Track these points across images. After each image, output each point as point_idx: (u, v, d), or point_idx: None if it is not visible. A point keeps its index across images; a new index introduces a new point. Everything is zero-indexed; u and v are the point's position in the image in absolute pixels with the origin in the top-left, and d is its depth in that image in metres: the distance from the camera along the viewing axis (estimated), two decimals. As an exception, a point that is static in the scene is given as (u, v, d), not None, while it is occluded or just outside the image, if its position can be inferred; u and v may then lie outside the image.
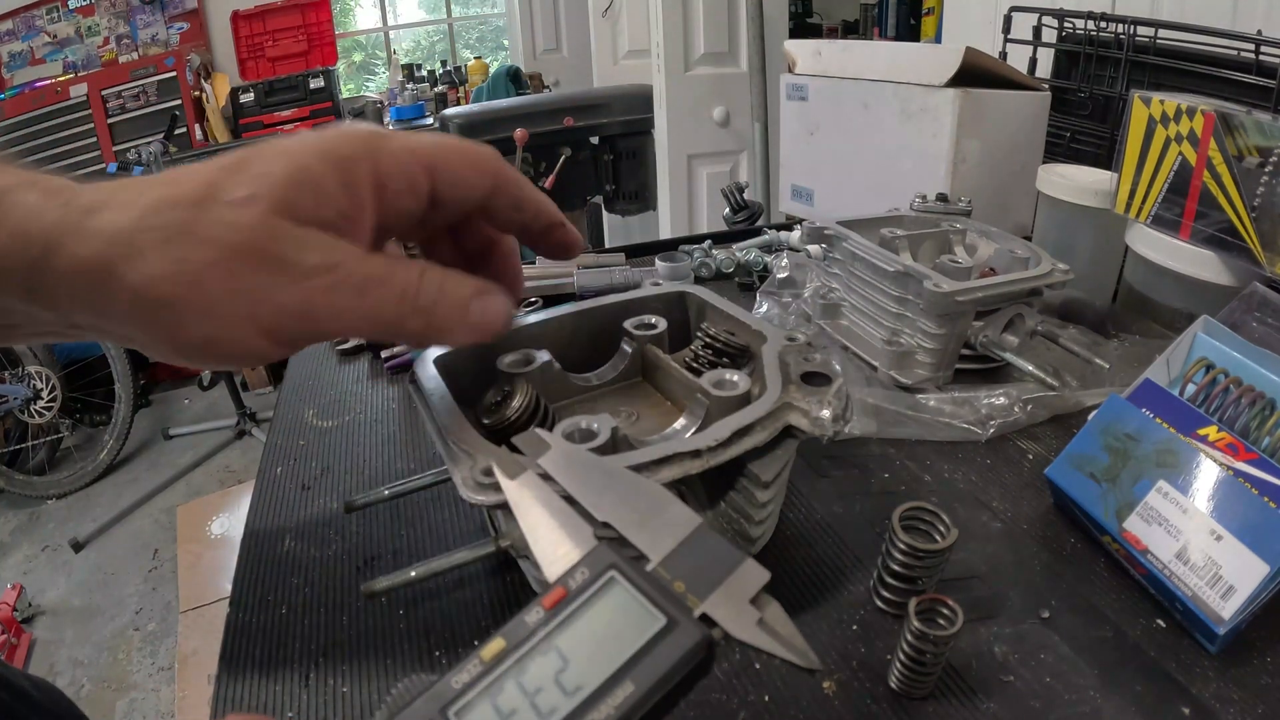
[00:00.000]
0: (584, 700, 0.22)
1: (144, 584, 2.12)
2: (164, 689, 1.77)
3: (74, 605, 2.07)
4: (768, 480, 0.38)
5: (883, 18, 3.24)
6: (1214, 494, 0.38)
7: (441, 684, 0.22)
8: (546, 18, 3.60)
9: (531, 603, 0.24)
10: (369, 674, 0.37)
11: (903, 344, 0.57)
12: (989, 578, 0.42)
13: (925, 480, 0.50)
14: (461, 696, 0.22)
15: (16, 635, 1.90)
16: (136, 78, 3.17)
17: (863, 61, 0.93)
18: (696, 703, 0.35)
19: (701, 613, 0.24)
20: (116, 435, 2.62)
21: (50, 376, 2.59)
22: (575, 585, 0.24)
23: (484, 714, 0.22)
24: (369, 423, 0.59)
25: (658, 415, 0.45)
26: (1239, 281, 0.56)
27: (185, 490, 2.50)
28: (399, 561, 0.45)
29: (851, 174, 0.98)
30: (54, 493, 2.54)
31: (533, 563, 0.38)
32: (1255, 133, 0.54)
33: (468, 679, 0.22)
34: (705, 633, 0.23)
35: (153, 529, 2.33)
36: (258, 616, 0.41)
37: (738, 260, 0.83)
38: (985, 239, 0.65)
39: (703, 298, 0.50)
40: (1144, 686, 0.35)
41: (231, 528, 2.13)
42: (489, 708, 0.22)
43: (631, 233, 2.52)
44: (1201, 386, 0.42)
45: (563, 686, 0.22)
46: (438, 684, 0.22)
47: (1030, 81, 0.88)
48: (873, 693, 0.35)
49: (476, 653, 0.23)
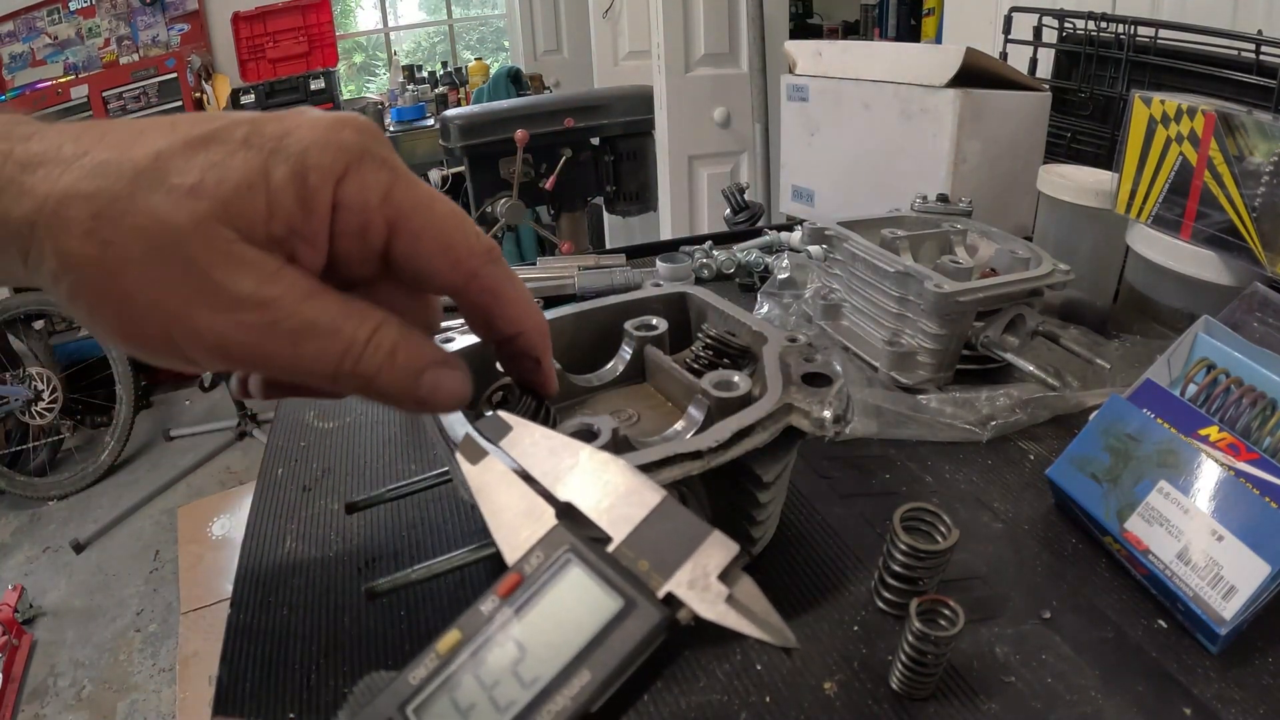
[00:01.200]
0: (540, 692, 0.21)
1: (145, 585, 2.12)
2: (165, 690, 1.77)
3: (75, 606, 2.07)
4: (769, 481, 0.38)
5: (883, 18, 3.24)
6: (1215, 494, 0.37)
7: (400, 680, 0.22)
8: (547, 19, 3.60)
9: (487, 590, 0.23)
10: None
11: (903, 345, 0.57)
12: (990, 578, 0.42)
13: (926, 481, 0.50)
14: (419, 693, 0.21)
15: (17, 636, 1.90)
16: (137, 79, 3.18)
17: (863, 62, 0.93)
18: (697, 704, 0.35)
19: (666, 593, 0.22)
20: (118, 436, 2.62)
21: (51, 378, 2.60)
22: (531, 570, 0.23)
23: (443, 710, 0.21)
24: (370, 424, 0.60)
25: (658, 416, 0.45)
26: (1240, 281, 0.56)
27: (186, 491, 2.50)
28: (400, 562, 0.45)
29: (852, 175, 0.98)
30: (55, 494, 2.54)
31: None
32: (1256, 133, 0.54)
33: (425, 674, 0.22)
34: (665, 614, 0.22)
35: (154, 530, 2.34)
36: (259, 617, 0.41)
37: (738, 261, 0.83)
38: (986, 239, 0.65)
39: (703, 299, 0.50)
40: (1145, 687, 0.35)
41: (233, 529, 2.13)
42: (447, 703, 0.21)
43: (632, 233, 2.53)
44: (1202, 387, 0.42)
45: (520, 678, 0.21)
46: (396, 680, 0.22)
47: (1031, 82, 0.88)
48: (874, 693, 0.35)
49: (433, 646, 0.22)
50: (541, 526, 0.25)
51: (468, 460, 0.28)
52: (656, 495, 0.25)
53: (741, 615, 0.22)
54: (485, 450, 0.28)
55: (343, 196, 0.25)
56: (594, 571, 0.23)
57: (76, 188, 0.23)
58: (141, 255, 0.23)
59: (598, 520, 0.25)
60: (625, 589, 0.22)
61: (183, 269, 0.23)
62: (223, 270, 0.23)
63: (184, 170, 0.23)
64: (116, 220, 0.23)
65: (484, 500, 0.26)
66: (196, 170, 0.23)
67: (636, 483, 0.25)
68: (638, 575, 0.23)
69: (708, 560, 0.23)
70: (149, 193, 0.23)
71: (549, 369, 0.33)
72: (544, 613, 0.22)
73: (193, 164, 0.23)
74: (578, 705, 0.21)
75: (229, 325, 0.24)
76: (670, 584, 0.23)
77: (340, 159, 0.25)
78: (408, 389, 0.27)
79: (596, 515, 0.25)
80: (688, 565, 0.23)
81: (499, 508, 0.26)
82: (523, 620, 0.22)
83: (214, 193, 0.23)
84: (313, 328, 0.25)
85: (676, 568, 0.23)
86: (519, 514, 0.25)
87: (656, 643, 0.22)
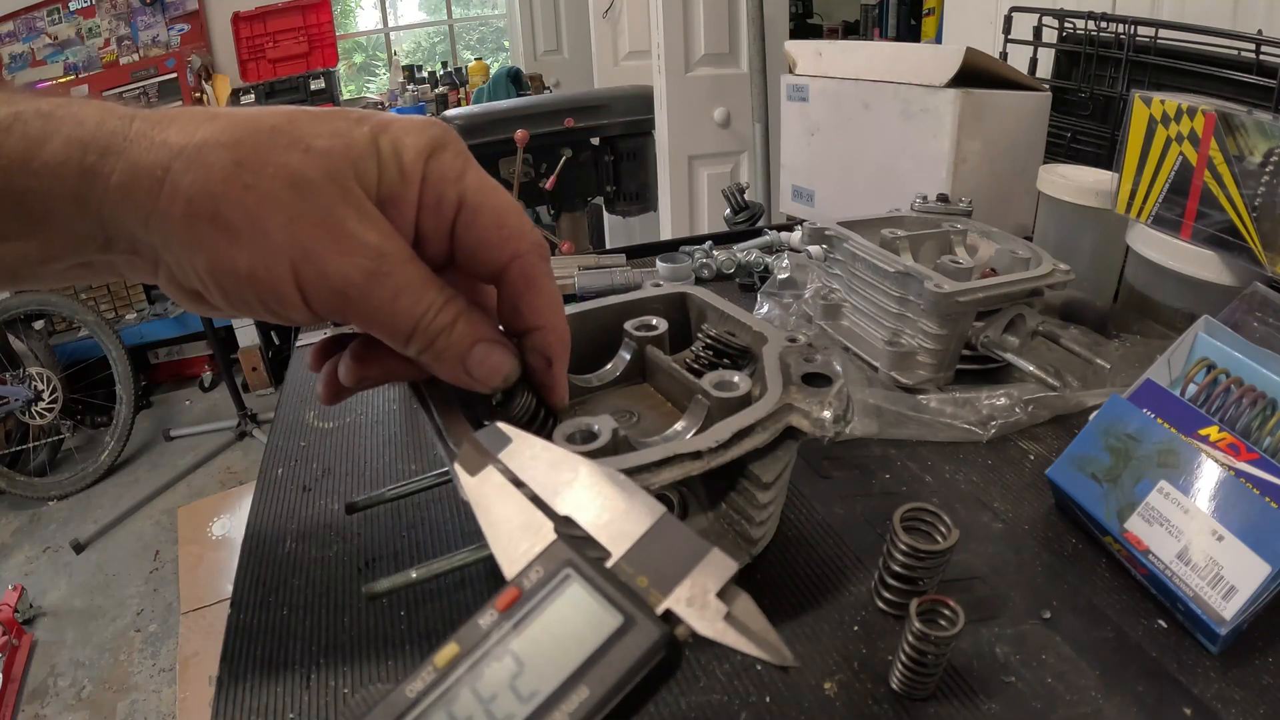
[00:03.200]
0: (538, 707, 0.21)
1: (145, 585, 2.12)
2: (165, 690, 1.77)
3: (75, 607, 2.07)
4: (769, 481, 0.38)
5: (883, 18, 3.24)
6: (1215, 494, 0.37)
7: (396, 693, 0.22)
8: (547, 19, 3.61)
9: (485, 604, 0.23)
10: (370, 675, 0.37)
11: (904, 345, 0.57)
12: (990, 578, 0.42)
13: (926, 481, 0.50)
14: (416, 706, 0.21)
15: (18, 637, 1.90)
16: (137, 79, 3.18)
17: (863, 62, 0.93)
18: (697, 704, 0.35)
19: (665, 609, 0.22)
20: (118, 437, 2.62)
21: (51, 378, 2.60)
22: (530, 585, 0.23)
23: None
24: (370, 424, 0.59)
25: (658, 416, 0.45)
26: (1240, 281, 0.56)
27: (186, 491, 2.50)
28: (400, 562, 0.45)
29: (852, 175, 0.98)
30: (55, 494, 2.54)
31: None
32: (1256, 133, 0.54)
33: (422, 687, 0.22)
34: (665, 631, 0.22)
35: (154, 530, 2.34)
36: (259, 618, 0.41)
37: (738, 261, 0.83)
38: (986, 239, 0.65)
39: (703, 299, 0.50)
40: (1145, 687, 0.35)
41: (233, 529, 2.13)
42: (444, 717, 0.21)
43: (632, 233, 2.52)
44: (1203, 387, 0.42)
45: (518, 693, 0.21)
46: (392, 693, 0.22)
47: (1031, 82, 0.88)
48: (874, 693, 0.35)
49: (431, 659, 0.22)
50: (540, 540, 0.25)
51: (466, 472, 0.28)
52: (655, 511, 0.25)
53: (740, 633, 0.22)
54: (484, 462, 0.28)
55: (429, 171, 0.29)
56: (593, 587, 0.23)
57: (217, 138, 0.25)
58: (287, 195, 0.25)
59: (596, 535, 0.25)
60: (624, 605, 0.22)
61: (320, 214, 0.26)
62: (355, 220, 0.26)
63: (315, 133, 0.26)
64: (258, 168, 0.25)
65: (482, 512, 0.26)
66: (326, 134, 0.27)
67: (636, 498, 0.25)
68: (637, 591, 0.23)
69: (706, 578, 0.23)
70: (287, 148, 0.26)
71: (560, 375, 0.35)
72: (543, 628, 0.22)
73: (321, 128, 0.27)
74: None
75: (353, 268, 0.26)
76: (669, 600, 0.23)
77: (430, 143, 0.29)
78: (459, 356, 0.30)
79: (595, 530, 0.25)
80: (686, 582, 0.23)
81: (496, 520, 0.26)
82: (521, 635, 0.22)
83: (344, 153, 0.27)
84: (410, 285, 0.28)
85: (675, 584, 0.23)
86: (517, 527, 0.25)
87: (655, 659, 0.22)
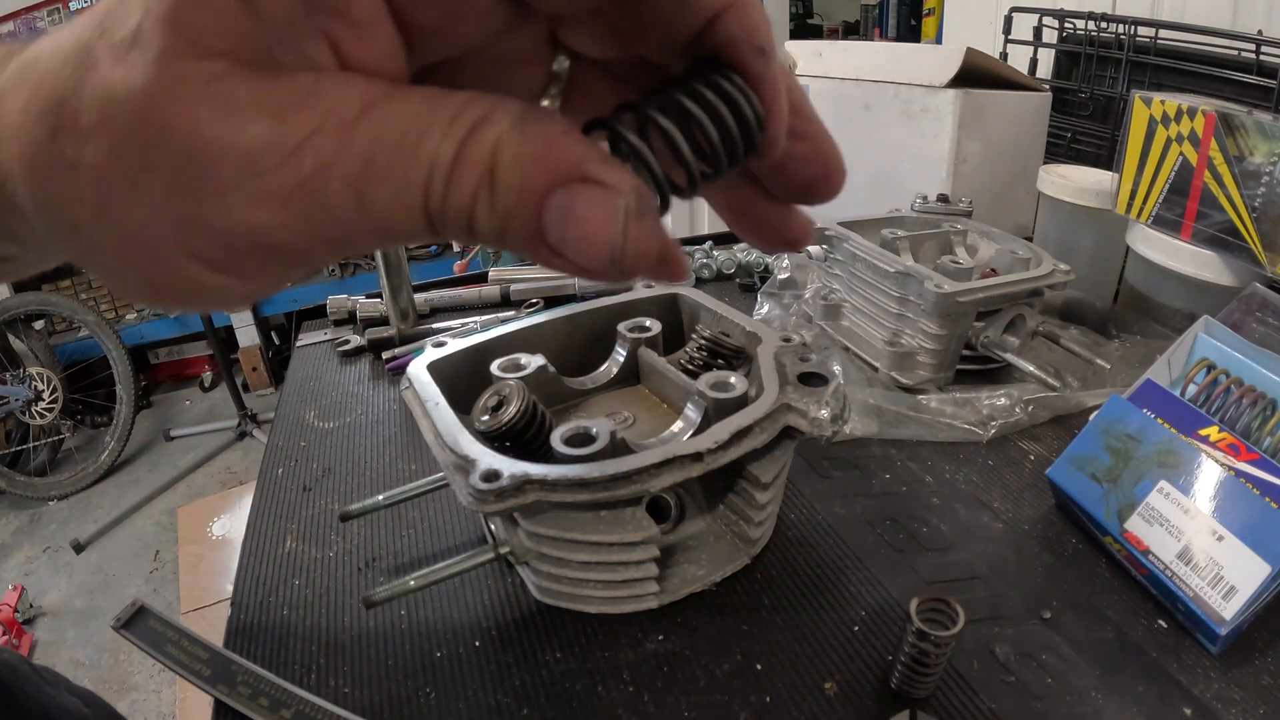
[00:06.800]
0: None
1: (145, 585, 2.12)
2: (165, 690, 1.77)
3: (75, 606, 2.07)
4: (767, 481, 0.38)
5: (883, 18, 3.24)
6: (1215, 494, 0.37)
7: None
8: (547, 19, 3.60)
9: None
10: (370, 675, 0.37)
11: (904, 345, 0.57)
12: (990, 578, 0.42)
13: (926, 481, 0.50)
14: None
15: (18, 636, 1.90)
16: (138, 79, 3.18)
17: (863, 62, 0.93)
18: (697, 704, 0.35)
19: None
20: (118, 436, 2.62)
21: (51, 378, 2.60)
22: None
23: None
24: (370, 424, 0.59)
25: (654, 418, 0.45)
26: (1240, 282, 0.56)
27: (186, 491, 2.50)
28: (399, 562, 0.45)
29: (852, 175, 0.97)
30: (55, 494, 2.54)
31: (531, 569, 0.38)
32: (1256, 133, 0.54)
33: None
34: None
35: (154, 530, 2.33)
36: (259, 618, 0.41)
37: (739, 261, 0.83)
38: (986, 240, 0.65)
39: (695, 300, 0.50)
40: (1145, 687, 0.35)
41: (233, 529, 2.13)
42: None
43: (632, 234, 2.52)
44: (1203, 387, 0.42)
45: None
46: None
47: (1031, 82, 0.88)
48: (874, 693, 0.35)
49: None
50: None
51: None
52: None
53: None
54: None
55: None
56: None
57: (30, 106, 0.16)
58: (106, 160, 0.15)
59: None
60: None
61: (161, 150, 0.15)
62: (217, 124, 0.14)
63: (122, 18, 0.15)
64: (68, 132, 0.15)
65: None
66: (136, 8, 0.15)
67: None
68: None
69: None
70: (91, 75, 0.15)
71: (778, 72, 0.19)
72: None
73: (129, 6, 0.15)
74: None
75: (252, 203, 0.15)
76: None
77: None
78: (526, 222, 0.15)
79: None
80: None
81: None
82: None
83: (158, 20, 0.14)
84: (374, 158, 0.15)
85: None
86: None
87: None
